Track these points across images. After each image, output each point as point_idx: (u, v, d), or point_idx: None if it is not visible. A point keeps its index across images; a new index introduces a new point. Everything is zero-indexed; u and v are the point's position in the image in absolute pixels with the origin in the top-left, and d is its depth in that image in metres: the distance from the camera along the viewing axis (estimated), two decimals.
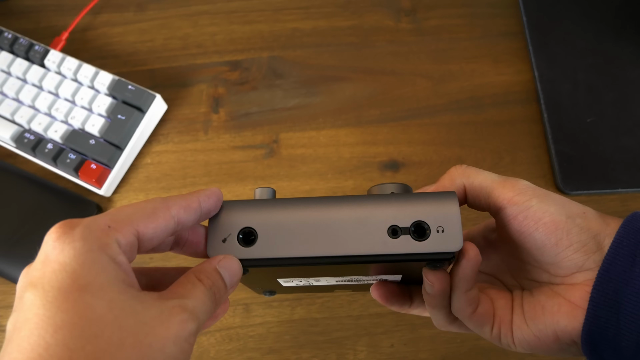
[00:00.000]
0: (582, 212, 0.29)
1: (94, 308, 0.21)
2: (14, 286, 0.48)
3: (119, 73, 0.55)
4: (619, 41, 0.54)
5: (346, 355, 0.45)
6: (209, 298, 0.26)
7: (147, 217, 0.25)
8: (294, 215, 0.29)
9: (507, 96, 0.53)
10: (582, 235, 0.28)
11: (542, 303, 0.30)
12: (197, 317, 0.24)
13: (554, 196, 0.29)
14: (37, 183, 0.51)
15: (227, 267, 0.27)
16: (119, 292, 0.22)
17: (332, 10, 0.58)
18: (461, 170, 0.31)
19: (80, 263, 0.22)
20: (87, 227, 0.23)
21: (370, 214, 0.29)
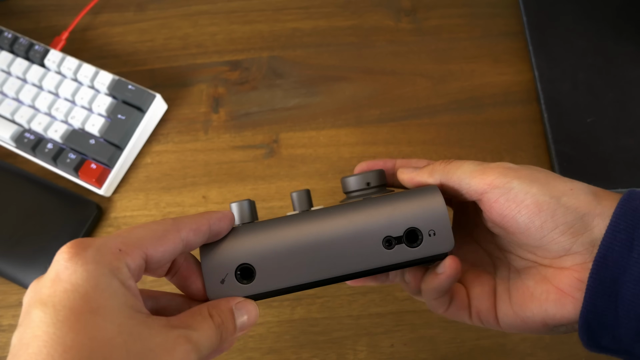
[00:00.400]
0: (568, 189, 0.27)
1: (104, 331, 0.22)
2: (14, 286, 0.48)
3: (119, 73, 0.55)
4: (619, 41, 0.54)
5: (346, 355, 0.45)
6: (215, 335, 0.26)
7: (157, 240, 0.25)
8: (288, 242, 0.29)
9: (507, 96, 0.53)
10: (568, 216, 0.27)
11: (531, 289, 0.29)
12: (199, 350, 0.24)
13: (538, 174, 0.28)
14: (37, 183, 0.51)
15: (246, 312, 0.28)
16: (128, 317, 0.23)
17: (332, 10, 0.58)
18: (442, 166, 0.30)
19: (92, 286, 0.23)
20: (99, 251, 0.24)
21: (364, 227, 0.29)
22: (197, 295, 0.30)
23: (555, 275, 0.28)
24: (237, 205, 0.31)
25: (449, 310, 0.33)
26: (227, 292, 0.29)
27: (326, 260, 0.29)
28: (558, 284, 0.28)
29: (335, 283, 0.30)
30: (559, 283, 0.28)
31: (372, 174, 0.32)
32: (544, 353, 0.44)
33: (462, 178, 0.29)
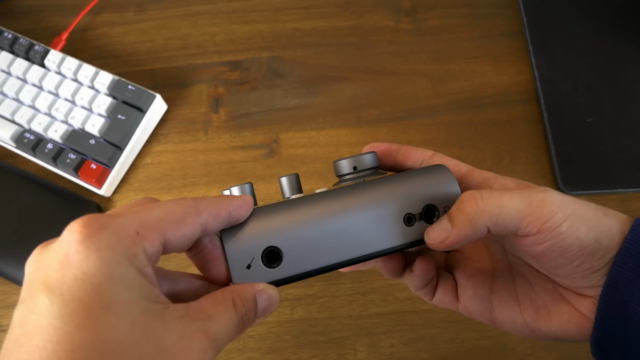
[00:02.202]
0: (607, 229, 0.27)
1: (116, 331, 0.20)
2: (14, 286, 0.48)
3: (119, 73, 0.55)
4: (619, 41, 0.54)
5: (346, 355, 0.45)
6: (237, 326, 0.25)
7: (176, 223, 0.24)
8: (314, 223, 0.28)
9: (507, 96, 0.53)
10: (605, 258, 0.27)
11: (548, 306, 0.29)
12: (217, 347, 0.23)
13: (581, 213, 0.26)
14: (37, 183, 0.51)
15: (268, 299, 0.27)
16: (143, 311, 0.21)
17: (332, 10, 0.58)
18: (477, 206, 0.26)
19: (106, 276, 0.21)
20: (115, 234, 0.22)
21: (387, 205, 0.29)
22: (218, 278, 0.28)
23: (576, 299, 0.29)
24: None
25: (435, 301, 0.33)
26: (253, 278, 0.28)
27: (352, 240, 0.28)
28: (581, 309, 0.28)
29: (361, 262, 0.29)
30: (582, 308, 0.28)
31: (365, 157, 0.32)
32: (544, 353, 0.44)
33: (508, 222, 0.26)
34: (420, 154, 0.33)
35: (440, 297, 0.33)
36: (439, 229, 0.27)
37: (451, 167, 0.31)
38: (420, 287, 0.32)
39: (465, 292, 0.32)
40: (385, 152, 0.33)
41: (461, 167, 0.32)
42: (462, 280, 0.33)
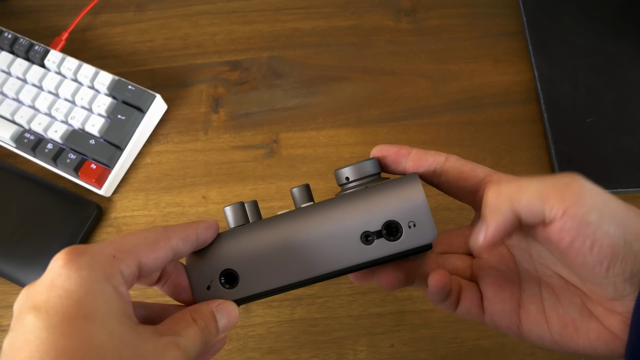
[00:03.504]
0: (637, 231, 0.25)
1: (97, 337, 0.22)
2: (14, 286, 0.48)
3: (119, 73, 0.55)
4: (619, 41, 0.54)
5: (346, 355, 0.45)
6: (200, 339, 0.27)
7: (149, 247, 0.26)
8: (267, 245, 0.29)
9: (507, 96, 0.53)
10: (637, 265, 0.25)
11: (576, 323, 0.28)
12: (187, 356, 0.25)
13: (612, 206, 0.25)
14: (37, 183, 0.51)
15: (226, 313, 0.29)
16: (120, 323, 0.23)
17: (332, 10, 0.58)
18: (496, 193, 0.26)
19: (86, 291, 0.23)
20: (93, 257, 0.24)
21: (341, 225, 0.28)
22: (189, 301, 0.30)
23: (606, 316, 0.27)
24: (230, 209, 0.31)
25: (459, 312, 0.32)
26: (213, 297, 0.30)
27: (306, 261, 0.29)
28: (610, 327, 0.27)
29: (322, 281, 0.30)
30: (611, 326, 0.27)
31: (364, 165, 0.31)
32: (544, 353, 0.44)
33: (532, 203, 0.25)
34: (432, 159, 0.31)
35: (465, 309, 0.31)
36: (476, 230, 0.27)
37: (467, 172, 0.30)
38: (439, 302, 0.31)
39: (493, 306, 0.31)
40: (394, 156, 0.32)
41: (478, 172, 0.30)
42: (490, 294, 0.31)
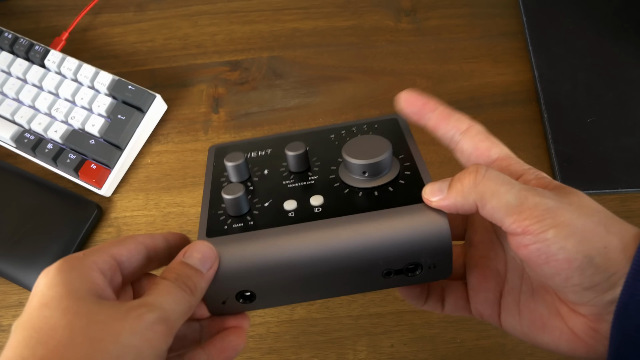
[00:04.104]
0: (603, 246, 0.25)
1: (49, 318, 0.24)
2: (14, 286, 0.48)
3: (119, 73, 0.55)
4: (619, 41, 0.54)
5: (346, 355, 0.45)
6: (176, 288, 0.26)
7: (117, 243, 0.28)
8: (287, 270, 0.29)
9: (507, 96, 0.53)
10: (597, 276, 0.25)
11: (544, 319, 0.29)
12: (157, 308, 0.25)
13: (581, 223, 0.25)
14: (37, 183, 0.51)
15: (194, 252, 0.28)
16: (78, 299, 0.24)
17: (332, 10, 0.58)
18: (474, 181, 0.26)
19: (47, 284, 0.25)
20: (64, 259, 0.26)
21: (364, 261, 0.28)
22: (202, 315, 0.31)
23: (569, 316, 0.28)
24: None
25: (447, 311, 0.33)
26: (229, 311, 0.30)
27: (326, 285, 0.29)
28: (572, 327, 0.27)
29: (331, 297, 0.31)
30: (573, 326, 0.27)
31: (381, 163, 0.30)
32: (544, 353, 0.44)
33: (495, 210, 0.26)
34: (454, 125, 0.30)
35: (452, 307, 0.33)
36: (437, 188, 0.28)
37: (481, 149, 0.30)
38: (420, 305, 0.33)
39: (477, 295, 0.32)
40: (419, 109, 0.31)
41: (492, 152, 0.30)
42: (474, 283, 0.32)
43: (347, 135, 0.35)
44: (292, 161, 0.32)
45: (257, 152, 0.36)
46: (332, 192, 0.31)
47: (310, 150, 0.34)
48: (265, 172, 0.33)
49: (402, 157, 0.32)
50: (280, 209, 0.30)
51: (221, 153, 0.36)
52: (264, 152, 0.35)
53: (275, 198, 0.31)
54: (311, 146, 0.35)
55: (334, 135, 0.35)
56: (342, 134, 0.35)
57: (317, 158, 0.34)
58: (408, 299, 0.34)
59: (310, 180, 0.32)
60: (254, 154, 0.36)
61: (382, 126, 0.35)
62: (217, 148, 0.37)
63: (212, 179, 0.34)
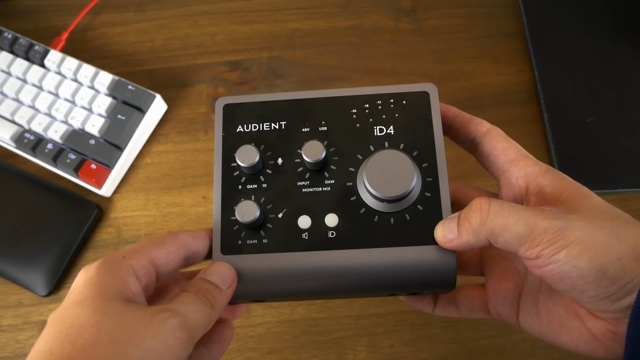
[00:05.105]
0: (616, 258, 0.25)
1: (80, 316, 0.25)
2: (14, 286, 0.48)
3: (119, 73, 0.55)
4: (619, 41, 0.54)
5: (346, 355, 0.45)
6: (197, 300, 0.28)
7: (158, 245, 0.29)
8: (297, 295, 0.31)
9: (507, 96, 0.53)
10: (612, 287, 0.25)
11: (562, 319, 0.29)
12: (180, 314, 0.26)
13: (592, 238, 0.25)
14: (37, 183, 0.51)
15: (214, 273, 0.29)
16: (108, 300, 0.26)
17: (332, 10, 0.58)
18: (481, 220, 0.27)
19: (83, 283, 0.26)
20: (105, 259, 0.28)
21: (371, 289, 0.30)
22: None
23: (588, 318, 0.28)
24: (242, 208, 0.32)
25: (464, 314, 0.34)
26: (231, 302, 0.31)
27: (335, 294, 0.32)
28: (591, 329, 0.28)
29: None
30: (592, 328, 0.28)
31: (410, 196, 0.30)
32: (544, 353, 0.44)
33: (508, 242, 0.26)
34: (474, 129, 0.32)
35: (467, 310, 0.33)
36: (447, 228, 0.28)
37: (498, 149, 0.31)
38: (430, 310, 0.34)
39: (496, 296, 0.32)
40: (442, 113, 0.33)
41: (509, 152, 0.30)
42: (494, 283, 0.32)
43: (371, 114, 0.32)
44: (309, 164, 0.31)
45: (270, 125, 0.33)
46: (348, 210, 0.30)
47: (329, 133, 0.32)
48: (279, 161, 0.32)
49: (425, 167, 0.31)
50: (295, 227, 0.30)
51: (231, 113, 0.33)
52: (278, 125, 0.33)
53: (289, 208, 0.31)
54: (329, 124, 0.32)
55: (356, 110, 0.32)
56: (365, 111, 0.32)
57: (335, 149, 0.32)
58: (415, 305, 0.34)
59: (326, 185, 0.31)
60: (267, 126, 0.33)
61: (411, 103, 0.32)
62: (226, 105, 0.34)
63: (222, 161, 0.32)
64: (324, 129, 0.32)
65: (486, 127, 0.32)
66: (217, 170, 0.32)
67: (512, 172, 0.30)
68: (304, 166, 0.31)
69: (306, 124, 0.32)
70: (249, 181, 0.32)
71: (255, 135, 0.33)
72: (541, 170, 0.29)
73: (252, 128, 0.33)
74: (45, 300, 0.48)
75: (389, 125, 0.32)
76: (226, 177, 0.32)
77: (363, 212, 0.30)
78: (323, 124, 0.32)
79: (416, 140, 0.31)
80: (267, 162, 0.32)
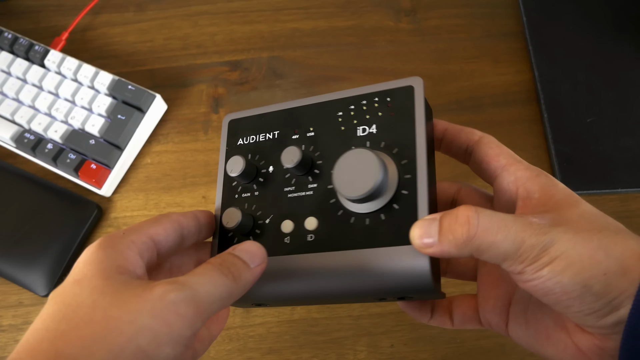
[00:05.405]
0: (602, 273, 0.24)
1: (78, 296, 0.25)
2: (14, 286, 0.48)
3: (119, 73, 0.55)
4: (619, 41, 0.54)
5: (346, 355, 0.45)
6: (216, 271, 0.26)
7: (154, 222, 0.30)
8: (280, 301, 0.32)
9: (507, 96, 0.53)
10: (597, 303, 0.25)
11: (549, 331, 0.29)
12: (187, 288, 0.25)
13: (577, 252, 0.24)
14: (37, 183, 0.51)
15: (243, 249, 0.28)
16: (107, 277, 0.25)
17: (332, 10, 0.58)
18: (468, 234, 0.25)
19: (84, 261, 0.26)
20: (106, 237, 0.28)
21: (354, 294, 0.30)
22: None
23: (575, 331, 0.28)
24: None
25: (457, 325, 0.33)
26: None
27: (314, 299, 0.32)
28: (577, 342, 0.27)
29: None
30: (579, 342, 0.27)
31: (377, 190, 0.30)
32: None
33: (492, 258, 0.25)
34: (466, 137, 0.32)
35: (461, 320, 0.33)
36: (425, 232, 0.26)
37: (490, 156, 0.30)
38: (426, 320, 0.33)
39: (486, 303, 0.32)
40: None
41: (501, 158, 0.30)
42: (485, 290, 0.32)
43: (355, 115, 0.32)
44: (291, 170, 0.31)
45: (265, 135, 0.34)
46: (327, 213, 0.30)
47: (315, 138, 0.32)
48: (270, 169, 0.33)
49: (404, 164, 0.29)
50: (278, 232, 0.31)
51: (234, 128, 0.35)
52: (272, 135, 0.34)
53: (275, 214, 0.32)
54: (316, 129, 0.32)
55: (342, 113, 0.32)
56: (351, 113, 0.32)
57: (320, 153, 0.32)
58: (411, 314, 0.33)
59: (309, 189, 0.31)
60: (262, 137, 0.34)
61: (395, 99, 0.31)
62: (231, 121, 0.36)
63: (223, 173, 0.34)
64: (311, 135, 0.32)
65: (478, 135, 0.32)
66: (219, 181, 0.34)
67: (503, 177, 0.30)
68: (291, 172, 0.32)
69: (296, 131, 0.33)
70: (244, 190, 0.33)
71: (252, 146, 0.34)
72: (531, 174, 0.29)
73: (250, 140, 0.34)
74: (45, 300, 0.48)
75: (372, 124, 0.31)
76: (226, 187, 0.34)
77: (341, 214, 0.30)
78: (311, 130, 0.32)
79: (397, 137, 0.30)
80: (260, 170, 0.33)
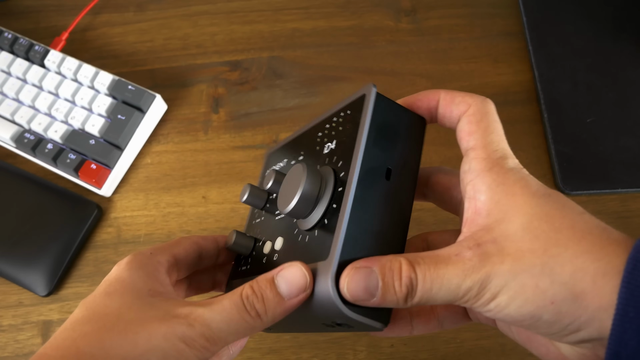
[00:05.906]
0: (549, 302, 0.23)
1: (107, 307, 0.27)
2: (14, 286, 0.48)
3: (119, 73, 0.55)
4: (618, 41, 0.54)
5: (346, 355, 0.45)
6: (235, 309, 0.26)
7: (175, 244, 0.32)
8: None
9: (507, 96, 0.53)
10: (552, 328, 0.23)
11: (529, 334, 0.28)
12: (199, 325, 0.25)
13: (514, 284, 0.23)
14: (37, 183, 0.51)
15: (284, 278, 0.26)
16: (136, 296, 0.27)
17: (332, 10, 0.58)
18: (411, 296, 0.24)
19: (116, 277, 0.29)
20: (135, 255, 0.30)
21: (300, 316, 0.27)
22: None
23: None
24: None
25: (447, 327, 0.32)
26: None
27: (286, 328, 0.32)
28: (559, 347, 0.26)
29: None
30: (560, 347, 0.26)
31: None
32: None
33: (444, 299, 0.24)
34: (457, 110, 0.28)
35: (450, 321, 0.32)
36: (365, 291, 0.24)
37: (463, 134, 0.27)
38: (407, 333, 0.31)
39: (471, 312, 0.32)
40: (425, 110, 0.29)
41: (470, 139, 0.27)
42: None
43: (326, 134, 0.31)
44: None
45: (282, 162, 0.37)
46: (290, 232, 0.30)
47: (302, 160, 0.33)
48: (273, 195, 0.34)
49: (342, 176, 0.27)
50: (260, 253, 0.33)
51: (268, 162, 0.39)
52: (283, 163, 0.36)
53: (266, 236, 0.33)
54: (305, 153, 0.33)
55: (321, 133, 0.32)
56: (325, 132, 0.32)
57: None
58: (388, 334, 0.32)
59: None
60: (279, 164, 0.37)
61: (353, 110, 0.29)
62: (269, 154, 0.39)
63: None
64: (300, 158, 0.34)
65: (467, 104, 0.27)
66: (250, 209, 0.39)
67: (462, 164, 0.26)
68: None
69: (293, 158, 0.35)
70: (258, 215, 0.36)
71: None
72: (485, 167, 0.25)
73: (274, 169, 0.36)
74: (45, 300, 0.48)
75: (333, 140, 0.30)
76: (251, 213, 0.38)
77: (296, 232, 0.29)
78: (302, 154, 0.34)
79: (343, 150, 0.28)
80: (269, 198, 0.35)
